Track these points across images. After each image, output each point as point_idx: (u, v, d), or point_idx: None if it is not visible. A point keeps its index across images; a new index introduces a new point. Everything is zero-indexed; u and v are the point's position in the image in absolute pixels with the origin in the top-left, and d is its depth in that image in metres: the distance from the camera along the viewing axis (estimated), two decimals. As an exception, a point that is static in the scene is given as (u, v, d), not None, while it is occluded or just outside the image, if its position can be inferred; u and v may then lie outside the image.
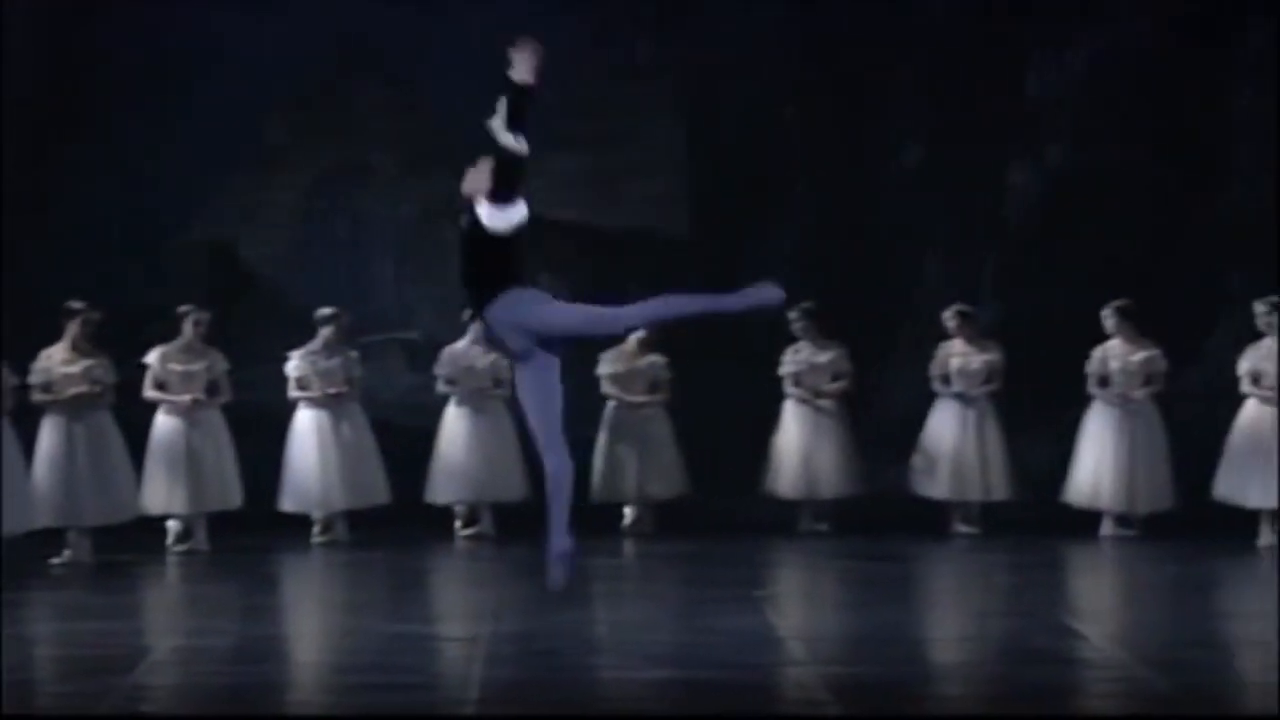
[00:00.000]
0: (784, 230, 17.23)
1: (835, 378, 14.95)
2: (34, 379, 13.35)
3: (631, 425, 14.84)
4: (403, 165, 17.10)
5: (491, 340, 9.13)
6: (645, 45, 17.34)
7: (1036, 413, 15.62)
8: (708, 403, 15.64)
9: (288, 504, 14.44)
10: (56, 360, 13.44)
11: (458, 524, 14.70)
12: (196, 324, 14.07)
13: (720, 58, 17.16)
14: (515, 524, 14.54)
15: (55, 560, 13.31)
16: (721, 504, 15.07)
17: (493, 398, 14.70)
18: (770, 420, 15.00)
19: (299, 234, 17.09)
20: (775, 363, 14.98)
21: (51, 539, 13.44)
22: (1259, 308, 14.02)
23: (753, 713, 8.56)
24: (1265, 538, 13.89)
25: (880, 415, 16.07)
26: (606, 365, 14.87)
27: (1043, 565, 13.25)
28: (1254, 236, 16.64)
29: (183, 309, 14.16)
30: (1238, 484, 13.96)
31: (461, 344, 14.77)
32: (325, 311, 14.60)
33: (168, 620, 11.72)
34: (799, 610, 11.71)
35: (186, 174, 16.47)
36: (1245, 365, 14.03)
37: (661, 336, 14.90)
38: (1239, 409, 14.05)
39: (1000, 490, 14.78)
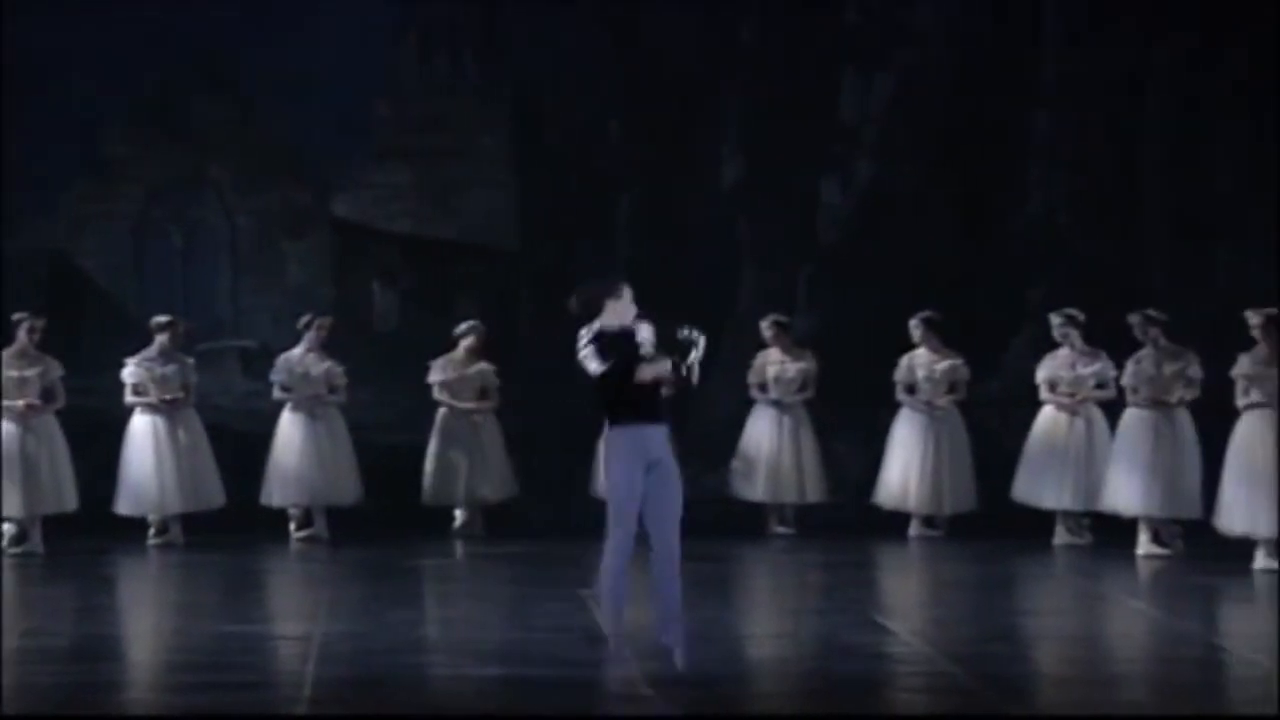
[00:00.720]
0: (609, 242, 17.33)
1: (658, 385, 15.05)
2: None
3: (462, 430, 14.85)
4: (240, 177, 17.00)
5: None
6: (473, 63, 17.37)
7: (848, 418, 15.84)
8: (537, 408, 15.70)
9: (124, 507, 14.29)
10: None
11: (292, 527, 14.61)
12: (31, 330, 13.87)
13: (546, 74, 17.23)
14: (348, 527, 14.51)
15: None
16: (549, 507, 15.12)
17: (328, 404, 14.66)
18: (595, 426, 15.06)
19: (137, 244, 16.93)
20: (600, 370, 15.04)
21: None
22: (1054, 319, 14.32)
23: (577, 707, 8.63)
24: (1060, 537, 14.18)
25: (701, 421, 16.21)
26: (437, 373, 14.88)
27: (854, 564, 13.44)
28: (1050, 252, 16.99)
29: (17, 316, 13.95)
30: (1035, 486, 14.25)
31: (297, 351, 14.67)
32: (161, 319, 14.44)
33: (4, 621, 11.53)
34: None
35: (24, 183, 16.25)
36: (1042, 373, 14.33)
37: (489, 344, 14.95)
38: (1036, 415, 14.35)
39: (814, 493, 14.97)
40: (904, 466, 14.64)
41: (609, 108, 17.35)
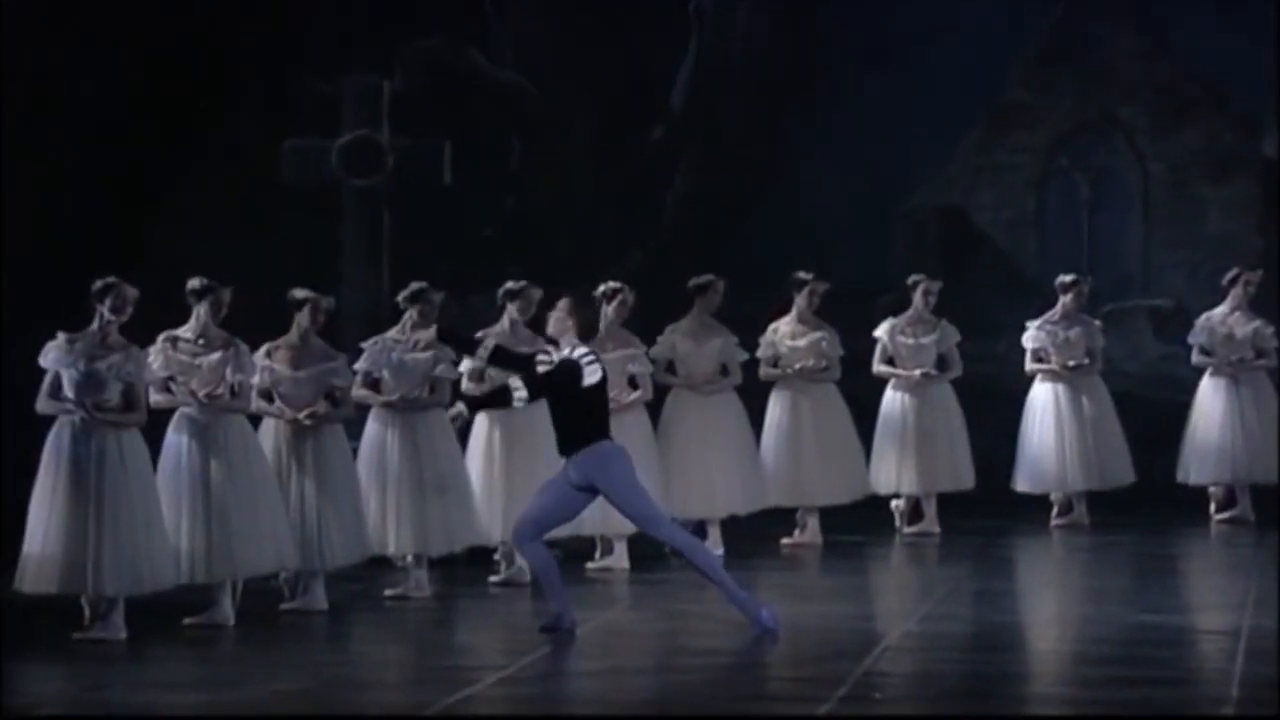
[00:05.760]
0: None
1: None
2: (762, 352, 13.63)
3: None
4: (1153, 119, 16.82)
5: None
6: None
7: None
8: None
9: (1023, 484, 14.29)
10: (783, 334, 13.68)
11: (1212, 507, 14.35)
12: (926, 294, 14.07)
13: None
14: (1274, 508, 14.02)
15: (787, 540, 13.51)
16: None
17: (1255, 369, 14.27)
18: None
19: (1037, 196, 17.04)
20: None
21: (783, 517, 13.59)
22: None
23: None
24: None
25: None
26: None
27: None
28: None
29: (913, 279, 14.18)
30: None
31: (1220, 310, 14.38)
32: (1065, 278, 14.32)
33: (899, 605, 11.73)
34: None
35: (918, 138, 16.59)
36: None
37: None
38: None
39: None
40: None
41: None
